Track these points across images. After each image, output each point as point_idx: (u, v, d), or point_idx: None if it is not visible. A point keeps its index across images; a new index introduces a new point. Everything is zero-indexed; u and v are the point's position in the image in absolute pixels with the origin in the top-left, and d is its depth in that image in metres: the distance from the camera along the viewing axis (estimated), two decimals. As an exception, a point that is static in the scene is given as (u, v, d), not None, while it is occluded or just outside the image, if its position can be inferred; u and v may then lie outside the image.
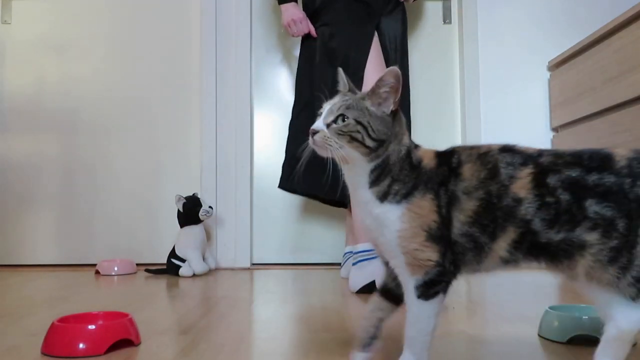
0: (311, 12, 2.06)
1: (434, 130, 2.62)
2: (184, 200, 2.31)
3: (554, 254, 0.70)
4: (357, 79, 1.82)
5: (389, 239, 0.74)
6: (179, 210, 2.33)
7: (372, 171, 0.76)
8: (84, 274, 2.31)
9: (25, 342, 1.06)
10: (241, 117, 2.55)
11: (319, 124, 0.77)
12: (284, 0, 2.09)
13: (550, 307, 1.09)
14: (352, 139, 0.75)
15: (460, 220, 0.72)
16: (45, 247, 2.62)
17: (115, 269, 2.32)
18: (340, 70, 0.88)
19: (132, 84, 2.68)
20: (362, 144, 0.75)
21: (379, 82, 0.77)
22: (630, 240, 0.66)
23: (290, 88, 2.59)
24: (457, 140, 2.63)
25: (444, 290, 0.74)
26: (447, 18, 2.68)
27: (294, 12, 2.07)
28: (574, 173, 0.69)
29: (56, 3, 2.70)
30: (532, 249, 0.70)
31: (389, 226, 0.74)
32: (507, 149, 0.74)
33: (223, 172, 2.56)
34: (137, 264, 2.44)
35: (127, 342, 1.02)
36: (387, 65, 1.91)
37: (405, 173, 0.75)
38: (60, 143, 2.66)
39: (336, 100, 0.80)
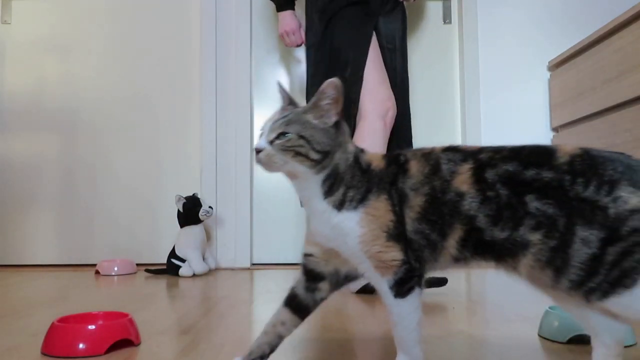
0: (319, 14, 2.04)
1: (434, 130, 2.62)
2: (184, 200, 2.31)
3: (500, 253, 0.70)
4: (356, 79, 1.82)
5: (351, 245, 0.74)
6: (179, 210, 2.33)
7: (323, 182, 0.76)
8: (84, 274, 2.31)
9: (25, 342, 1.06)
10: (241, 117, 2.55)
11: (261, 142, 0.76)
12: (282, 8, 2.10)
13: (550, 307, 1.09)
14: (297, 154, 0.75)
15: (411, 217, 0.73)
16: (45, 247, 2.62)
17: (115, 269, 2.32)
18: (279, 82, 0.88)
19: (132, 84, 2.68)
20: (307, 157, 0.75)
21: (320, 95, 0.77)
22: (567, 240, 0.65)
23: (290, 88, 2.59)
24: (457, 140, 2.63)
25: (418, 284, 0.75)
26: (447, 18, 2.68)
27: (288, 23, 2.08)
28: (510, 167, 0.69)
29: (56, 3, 2.70)
30: (479, 247, 0.71)
31: (350, 234, 0.74)
32: (449, 149, 0.76)
33: (223, 172, 2.56)
34: (137, 264, 2.44)
35: (127, 342, 1.02)
36: (385, 65, 1.90)
37: (357, 179, 0.76)
38: (60, 143, 2.66)
39: (277, 116, 0.79)
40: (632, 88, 1.89)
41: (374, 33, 1.92)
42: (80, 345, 0.96)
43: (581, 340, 1.00)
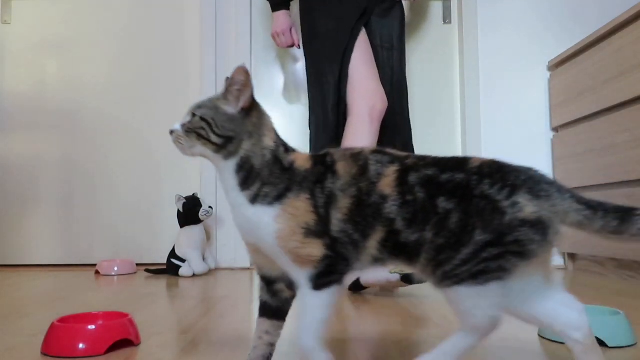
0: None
1: (434, 130, 2.62)
2: (184, 200, 2.31)
3: (410, 254, 0.72)
4: (343, 75, 1.82)
5: (268, 241, 0.74)
6: (179, 210, 2.33)
7: (237, 172, 0.77)
8: (84, 274, 2.31)
9: (25, 342, 1.06)
10: (241, 117, 2.55)
11: (176, 124, 0.81)
12: (275, 8, 2.09)
13: (550, 307, 1.08)
14: (199, 136, 0.77)
15: (337, 218, 0.73)
16: (45, 247, 2.62)
17: (115, 269, 2.32)
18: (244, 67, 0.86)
19: (132, 83, 2.68)
20: (208, 140, 0.77)
21: (230, 81, 0.79)
22: (462, 240, 0.67)
23: (290, 87, 2.60)
24: (457, 140, 2.64)
25: (338, 282, 0.74)
26: (447, 18, 2.68)
27: (280, 24, 2.08)
28: (430, 171, 0.72)
29: (56, 3, 2.70)
30: (395, 248, 0.72)
31: (265, 228, 0.74)
32: (378, 151, 0.76)
33: (223, 172, 2.56)
34: (137, 264, 2.44)
35: (127, 342, 1.02)
36: (378, 65, 1.89)
37: (276, 176, 0.75)
38: (60, 143, 2.66)
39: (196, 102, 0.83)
40: (632, 88, 1.89)
41: (365, 30, 1.90)
42: (80, 345, 0.96)
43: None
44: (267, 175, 0.75)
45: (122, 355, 0.97)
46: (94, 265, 2.43)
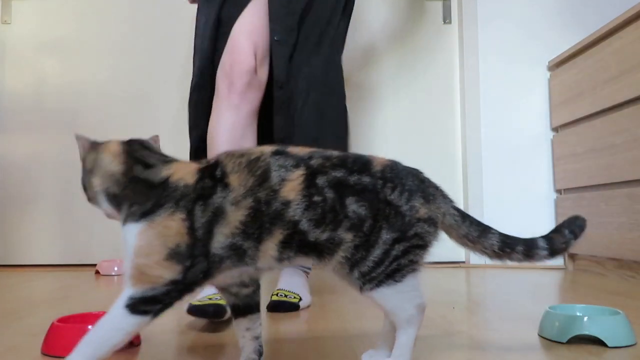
0: None
1: (434, 130, 2.62)
2: (184, 200, 2.31)
3: (321, 252, 0.73)
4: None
5: (126, 255, 0.70)
6: (179, 210, 2.33)
7: (111, 205, 0.76)
8: (84, 274, 2.31)
9: (25, 342, 1.06)
10: (241, 117, 2.55)
11: None
12: None
13: (550, 307, 1.09)
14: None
15: (224, 234, 0.69)
16: (45, 247, 2.62)
17: (115, 269, 2.32)
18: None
19: (132, 84, 2.68)
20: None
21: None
22: (371, 241, 0.72)
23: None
24: (457, 141, 2.64)
25: (156, 314, 0.70)
26: (447, 18, 2.68)
27: None
28: (339, 174, 0.73)
29: (56, 3, 2.70)
30: (303, 247, 0.72)
31: (127, 242, 0.70)
32: (279, 152, 0.74)
33: (223, 172, 2.56)
34: (137, 264, 2.44)
35: (127, 342, 1.02)
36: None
37: (142, 194, 0.72)
38: (60, 143, 2.66)
39: None
40: (632, 88, 1.89)
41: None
42: (80, 345, 0.95)
43: (581, 340, 1.00)
44: (132, 196, 0.73)
45: (122, 355, 0.97)
46: (94, 265, 2.43)
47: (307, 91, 1.47)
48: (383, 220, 0.73)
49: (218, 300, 1.21)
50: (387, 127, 2.63)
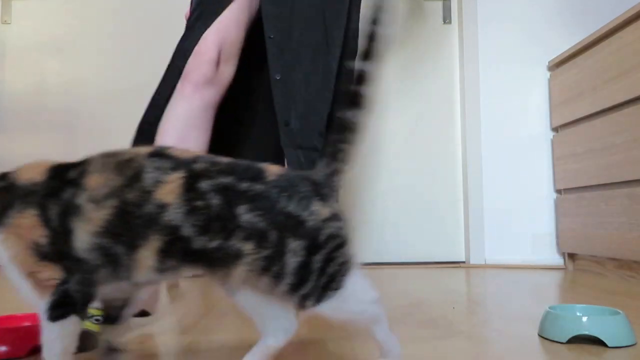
0: None
1: (433, 130, 2.62)
2: (184, 200, 2.31)
3: (211, 262, 0.69)
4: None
5: (11, 271, 0.69)
6: (179, 210, 2.33)
7: None
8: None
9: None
10: (241, 117, 2.55)
11: None
12: None
13: (550, 307, 1.09)
14: None
15: (87, 231, 0.67)
16: (45, 247, 2.62)
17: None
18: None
19: (132, 84, 2.68)
20: None
21: None
22: (279, 250, 0.68)
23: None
24: (457, 141, 2.63)
25: (77, 312, 0.69)
26: (447, 18, 2.68)
27: None
28: (226, 180, 0.69)
29: (56, 3, 2.70)
30: (188, 255, 0.69)
31: (2, 258, 0.69)
32: (157, 154, 0.71)
33: (223, 172, 2.56)
34: (137, 264, 2.44)
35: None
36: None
37: None
38: (60, 143, 2.66)
39: None
40: (632, 88, 1.89)
41: None
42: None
43: (581, 340, 1.00)
44: None
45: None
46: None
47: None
48: (286, 231, 0.68)
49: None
50: (387, 127, 2.63)
